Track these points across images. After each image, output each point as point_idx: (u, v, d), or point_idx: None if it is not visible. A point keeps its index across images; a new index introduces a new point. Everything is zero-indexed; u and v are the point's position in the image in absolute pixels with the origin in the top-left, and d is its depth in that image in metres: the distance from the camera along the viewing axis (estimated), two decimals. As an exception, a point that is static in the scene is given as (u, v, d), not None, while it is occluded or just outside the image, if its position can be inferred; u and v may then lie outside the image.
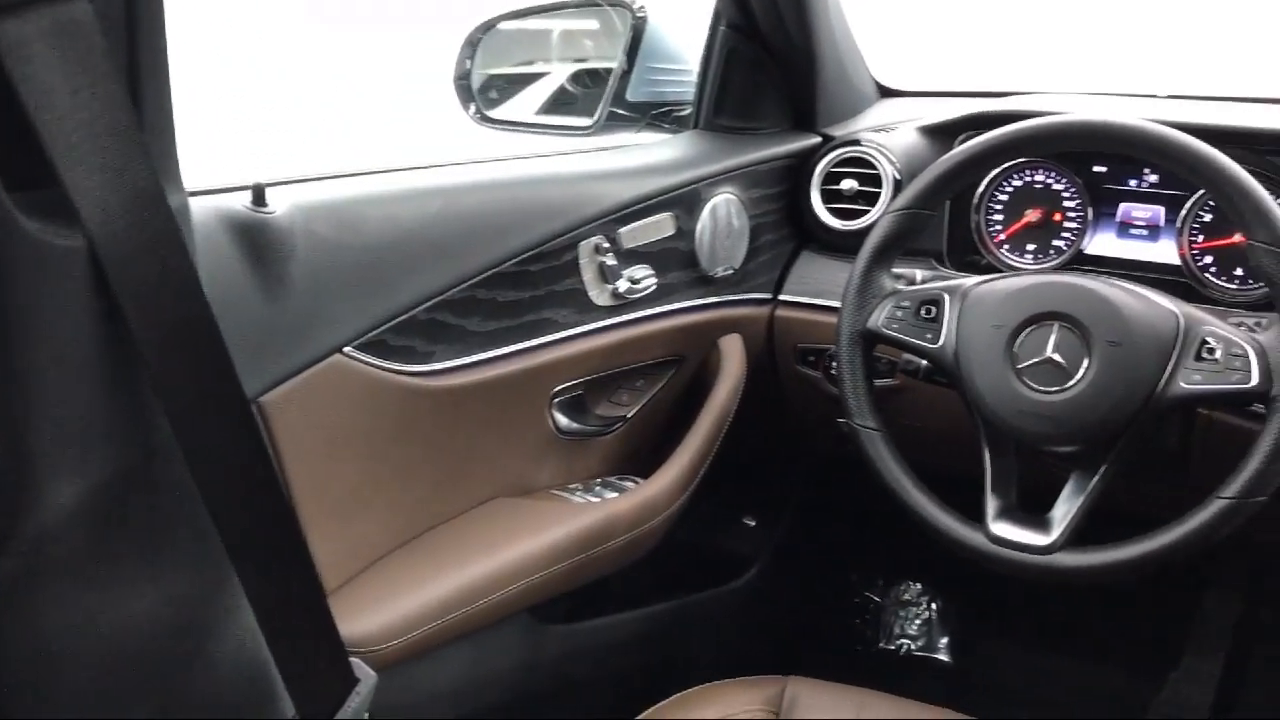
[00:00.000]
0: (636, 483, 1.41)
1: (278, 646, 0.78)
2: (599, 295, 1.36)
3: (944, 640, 2.10)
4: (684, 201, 1.45)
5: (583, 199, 1.33)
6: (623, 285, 1.37)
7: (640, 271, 1.39)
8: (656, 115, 1.66)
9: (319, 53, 4.61)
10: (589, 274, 1.34)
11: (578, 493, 1.38)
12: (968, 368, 1.20)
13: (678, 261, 1.46)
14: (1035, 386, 1.16)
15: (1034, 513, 1.19)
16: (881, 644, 2.12)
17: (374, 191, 1.16)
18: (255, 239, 0.98)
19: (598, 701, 1.52)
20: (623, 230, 1.37)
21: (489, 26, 1.61)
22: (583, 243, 1.32)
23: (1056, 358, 1.15)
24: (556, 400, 1.35)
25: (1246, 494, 1.08)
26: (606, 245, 1.35)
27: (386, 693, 0.89)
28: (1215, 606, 1.92)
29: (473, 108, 1.64)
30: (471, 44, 1.62)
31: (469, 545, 1.23)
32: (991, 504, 1.20)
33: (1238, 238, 1.11)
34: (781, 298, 1.59)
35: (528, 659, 1.40)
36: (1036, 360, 1.16)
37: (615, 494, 1.37)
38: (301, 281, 1.03)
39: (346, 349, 1.08)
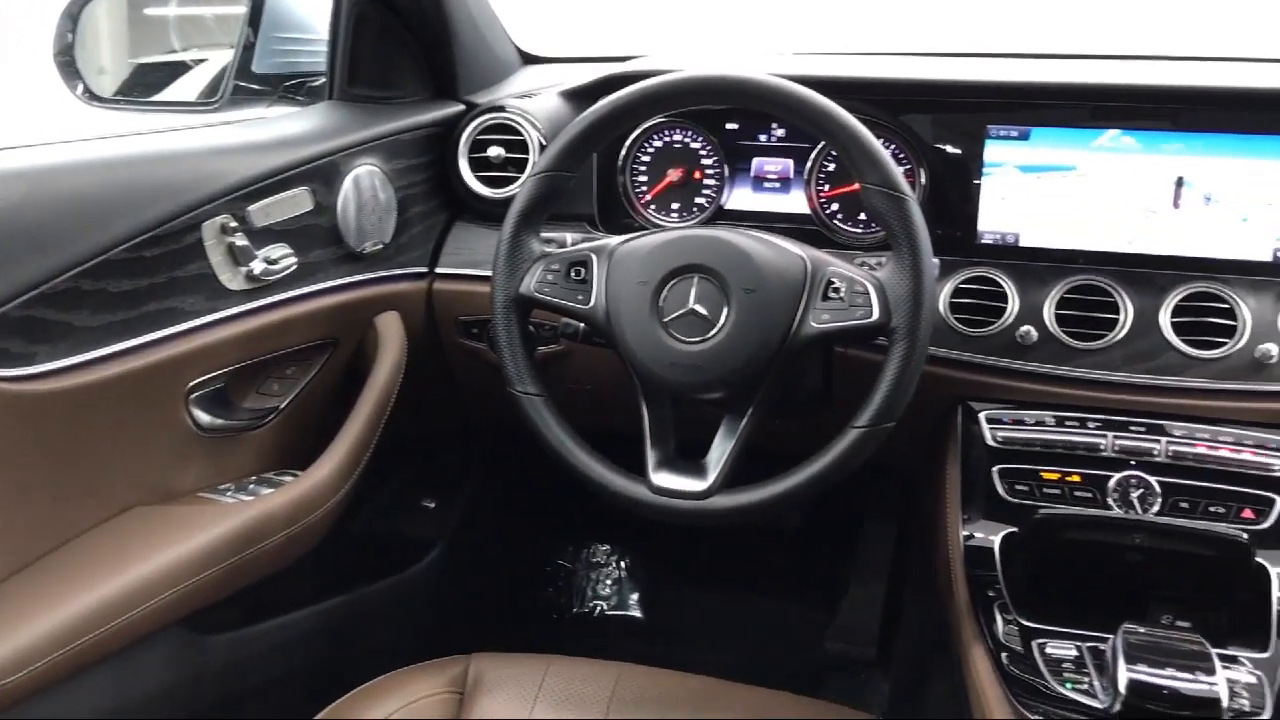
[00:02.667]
0: (295, 476, 1.33)
1: None
2: (231, 279, 1.27)
3: (634, 596, 2.14)
4: (321, 175, 1.37)
5: (203, 176, 1.23)
6: (258, 267, 1.28)
7: (277, 251, 1.31)
8: (289, 88, 1.57)
9: None
10: (217, 256, 1.24)
11: (229, 493, 1.29)
12: (618, 325, 1.21)
13: (320, 238, 1.39)
14: (681, 338, 1.18)
15: (694, 460, 1.22)
16: (576, 609, 2.14)
17: None
18: None
19: (276, 706, 1.43)
20: (252, 208, 1.28)
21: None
22: (206, 223, 1.23)
23: (699, 308, 1.18)
24: (194, 395, 1.25)
25: (876, 421, 1.14)
26: (235, 225, 1.26)
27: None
28: (873, 536, 2.06)
29: (80, 86, 1.50)
30: (71, 16, 1.47)
31: (102, 561, 1.12)
32: (652, 456, 1.22)
33: (856, 184, 1.17)
34: (438, 270, 1.55)
35: (188, 674, 1.30)
36: (681, 312, 1.18)
37: (271, 490, 1.29)
38: None
39: None
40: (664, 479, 1.20)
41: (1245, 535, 1.23)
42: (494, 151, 1.53)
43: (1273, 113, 1.32)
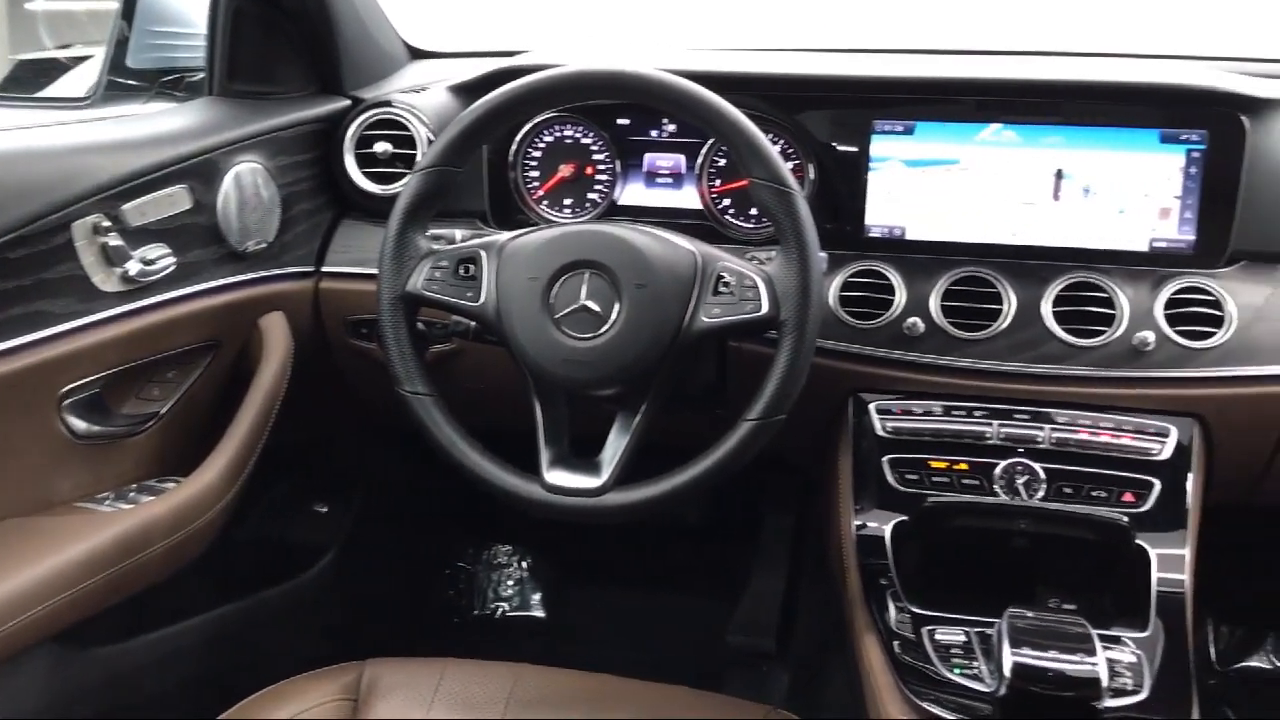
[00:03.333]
0: (178, 483, 1.29)
1: None
2: (105, 280, 1.22)
3: (537, 597, 2.13)
4: (200, 172, 1.33)
5: (72, 174, 1.18)
6: (134, 268, 1.24)
7: (155, 251, 1.27)
8: (166, 83, 1.52)
9: None
10: (89, 257, 1.20)
11: (107, 501, 1.25)
12: (509, 322, 1.20)
13: (200, 238, 1.35)
14: (573, 334, 1.17)
15: (588, 457, 1.21)
16: (477, 611, 2.12)
17: None
18: None
19: (164, 718, 1.39)
20: (127, 207, 1.23)
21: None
22: (76, 223, 1.18)
23: (590, 304, 1.17)
24: (67, 402, 1.20)
25: (767, 414, 1.15)
26: (108, 224, 1.21)
27: None
28: (773, 529, 2.08)
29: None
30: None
31: (-31, 576, 1.07)
32: (545, 454, 1.21)
33: (746, 180, 1.17)
34: (325, 269, 1.52)
35: (66, 691, 1.25)
36: (572, 308, 1.17)
37: (152, 498, 1.25)
38: None
39: None
40: (557, 477, 1.19)
41: (1125, 518, 1.27)
42: (381, 147, 1.51)
43: (1147, 106, 1.36)
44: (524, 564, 2.13)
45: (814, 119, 1.43)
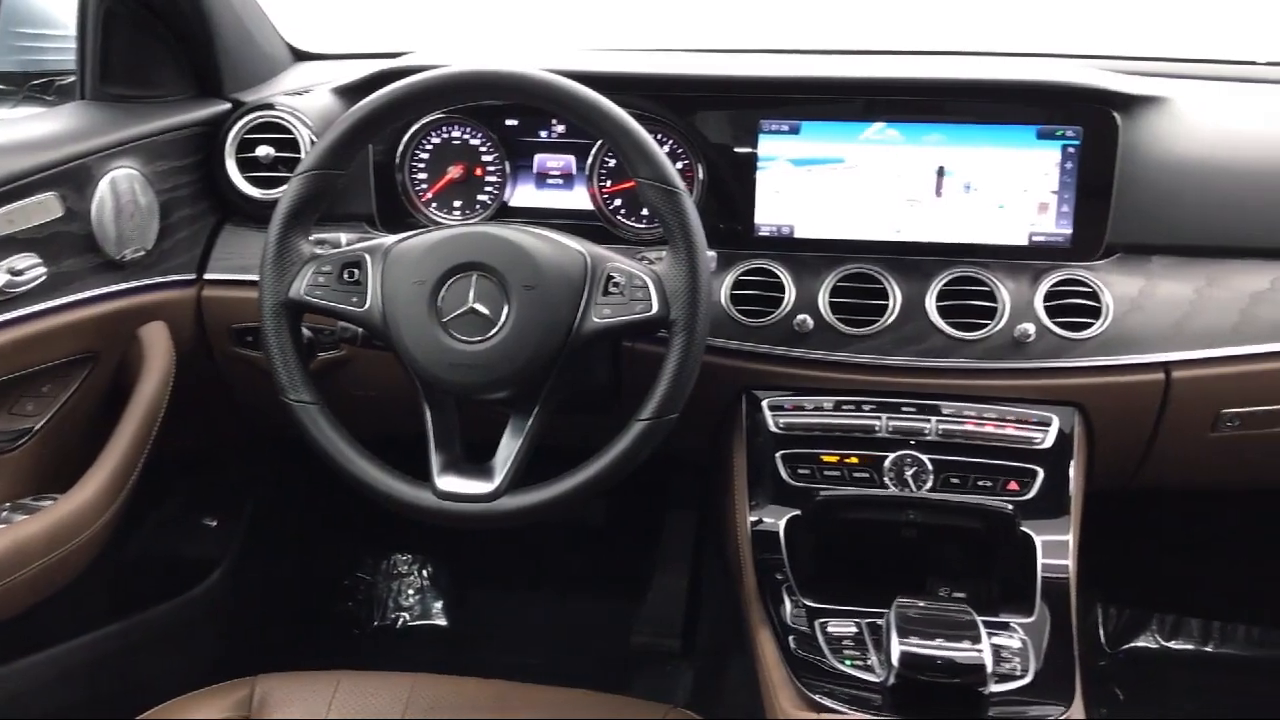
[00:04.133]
0: (55, 500, 1.25)
1: None
2: (-31, 292, 1.17)
3: (438, 605, 2.11)
4: (72, 179, 1.29)
5: None
6: (1, 279, 1.19)
7: (24, 261, 1.23)
8: (35, 87, 1.47)
9: None
10: (-48, 269, 1.15)
11: (-22, 521, 1.20)
12: (396, 327, 1.18)
13: (73, 246, 1.30)
14: (461, 337, 1.16)
15: (481, 462, 1.20)
16: (377, 622, 2.08)
17: None
18: None
19: None
20: (-9, 216, 1.19)
21: None
22: None
23: (479, 307, 1.16)
24: (-69, 419, 1.15)
25: (659, 414, 1.15)
26: (-28, 234, 1.17)
27: None
28: (676, 527, 2.09)
29: None
30: None
31: None
32: (436, 460, 1.19)
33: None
34: (207, 276, 1.48)
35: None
36: (460, 311, 1.16)
37: (25, 517, 1.20)
38: None
39: None
40: (449, 483, 1.17)
41: (1010, 507, 1.30)
42: (263, 151, 1.47)
43: (1023, 104, 1.39)
44: (425, 572, 2.11)
45: (702, 119, 1.44)
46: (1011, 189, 1.40)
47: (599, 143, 1.47)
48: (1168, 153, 1.39)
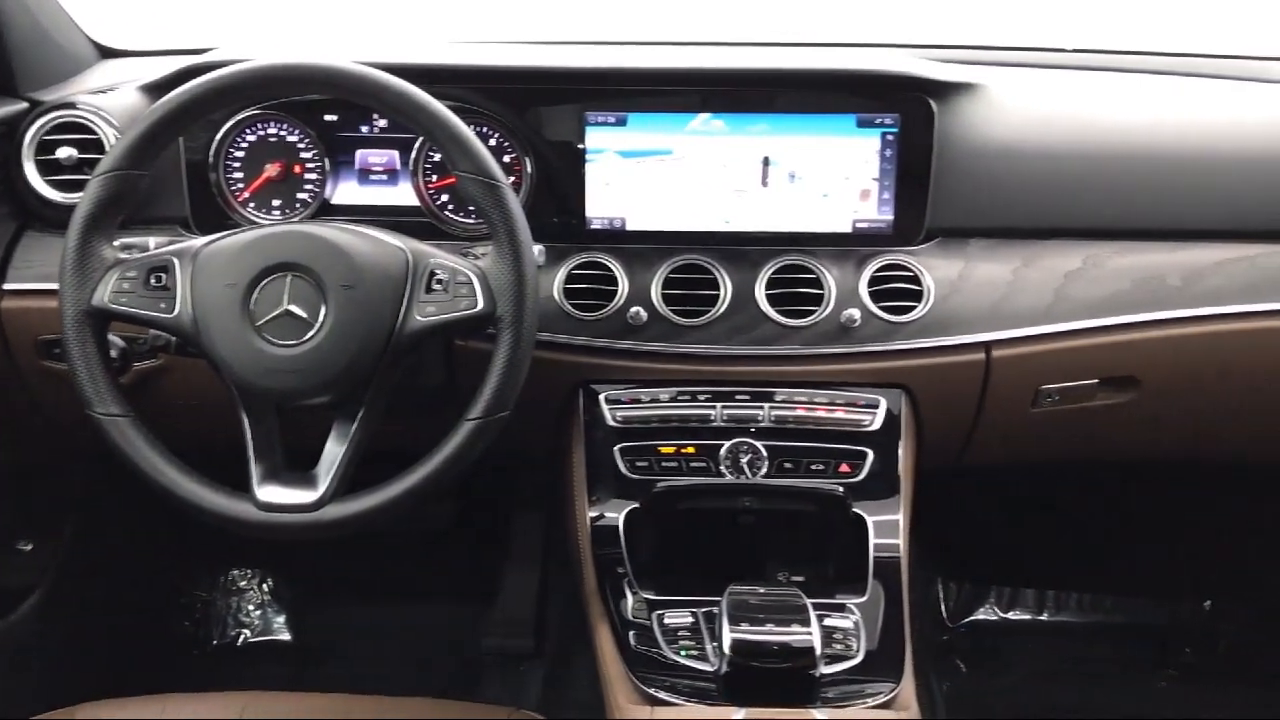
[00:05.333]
0: None
1: None
2: None
3: (281, 619, 2.04)
4: None
5: None
6: None
7: None
8: None
9: None
10: None
11: None
12: (207, 333, 1.13)
13: None
14: (277, 341, 1.12)
15: (305, 470, 1.16)
16: (217, 640, 2.00)
17: None
18: None
19: None
20: None
21: None
22: None
23: (294, 309, 1.12)
24: None
25: (489, 412, 1.13)
26: None
27: None
28: (524, 526, 2.06)
29: None
30: None
31: None
32: (256, 470, 1.14)
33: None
34: (7, 287, 1.40)
35: None
36: (274, 314, 1.12)
37: None
38: None
39: None
40: (270, 493, 1.13)
41: (842, 489, 1.32)
42: (64, 153, 1.40)
43: (843, 93, 1.41)
44: (265, 586, 2.04)
45: (528, 112, 1.42)
46: (834, 177, 1.42)
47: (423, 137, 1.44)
48: (982, 139, 1.43)
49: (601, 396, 1.38)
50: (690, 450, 1.34)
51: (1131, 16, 2.00)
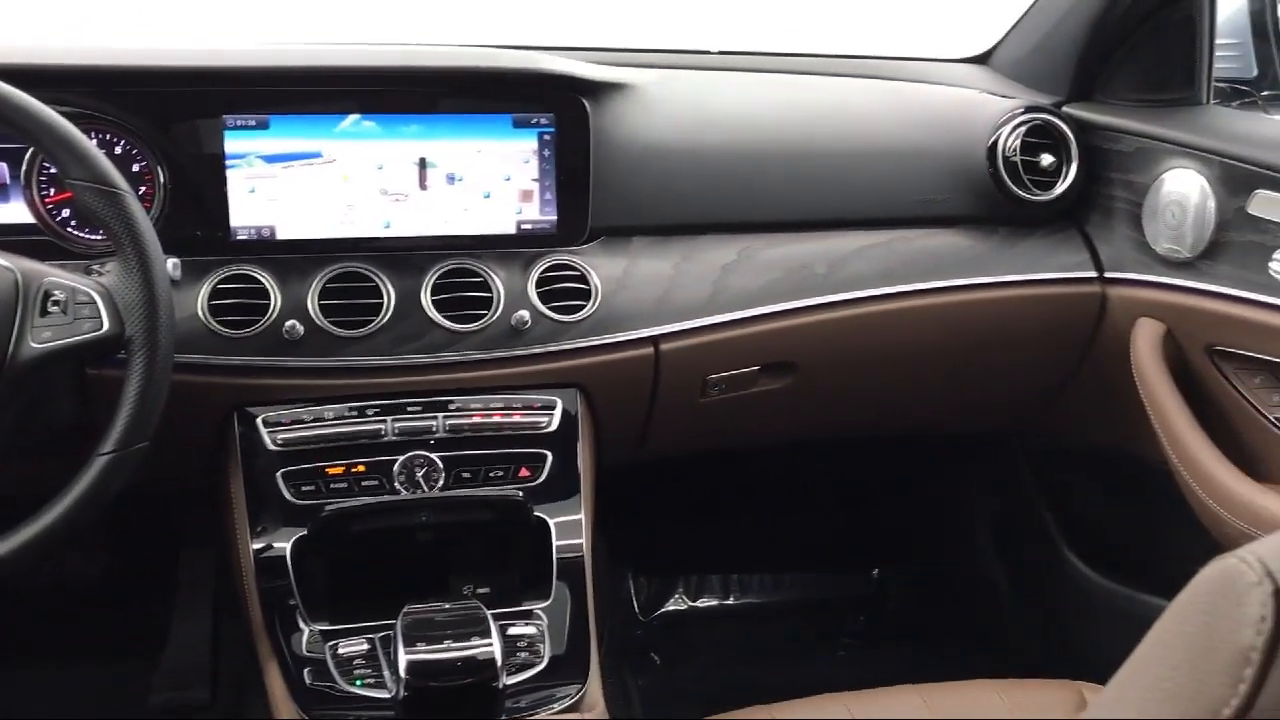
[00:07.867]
0: None
1: None
2: None
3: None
4: None
5: None
6: None
7: None
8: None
9: None
10: None
11: None
12: None
13: None
14: None
15: None
16: None
17: None
18: None
19: None
20: None
21: None
22: None
23: None
24: None
25: (125, 443, 1.03)
26: None
27: None
28: (193, 566, 1.91)
29: None
30: None
31: None
32: None
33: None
34: None
35: None
36: None
37: None
38: None
39: None
40: None
41: (521, 493, 1.30)
42: None
43: (495, 93, 1.39)
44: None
45: (158, 117, 1.30)
46: (495, 178, 1.40)
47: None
48: (637, 138, 1.45)
49: (259, 419, 1.28)
50: (361, 469, 1.27)
51: (773, 20, 2.11)
